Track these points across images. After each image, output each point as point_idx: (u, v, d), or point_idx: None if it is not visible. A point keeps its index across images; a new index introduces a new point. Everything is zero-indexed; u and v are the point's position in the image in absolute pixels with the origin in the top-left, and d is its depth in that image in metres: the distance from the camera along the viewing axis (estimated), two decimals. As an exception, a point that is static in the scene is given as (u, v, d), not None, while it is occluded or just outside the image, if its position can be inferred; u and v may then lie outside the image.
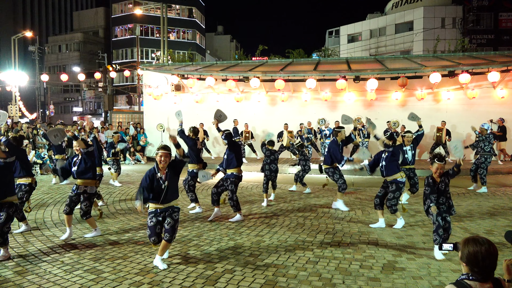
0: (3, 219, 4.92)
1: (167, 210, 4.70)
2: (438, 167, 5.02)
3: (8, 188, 5.07)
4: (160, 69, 17.28)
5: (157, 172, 4.70)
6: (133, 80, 38.30)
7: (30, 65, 48.14)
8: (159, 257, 4.72)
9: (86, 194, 5.93)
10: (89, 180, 5.96)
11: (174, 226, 4.67)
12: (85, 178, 5.94)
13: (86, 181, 5.94)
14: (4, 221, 4.93)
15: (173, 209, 4.73)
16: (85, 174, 5.94)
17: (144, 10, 43.39)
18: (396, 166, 6.40)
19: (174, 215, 4.70)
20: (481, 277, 2.08)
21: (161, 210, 4.68)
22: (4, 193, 4.98)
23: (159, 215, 4.68)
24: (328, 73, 14.73)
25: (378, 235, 6.00)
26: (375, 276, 4.42)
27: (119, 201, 8.70)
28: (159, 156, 4.68)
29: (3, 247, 4.98)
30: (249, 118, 16.25)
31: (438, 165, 5.01)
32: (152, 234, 4.70)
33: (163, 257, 4.81)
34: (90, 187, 5.97)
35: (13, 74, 29.33)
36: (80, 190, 5.92)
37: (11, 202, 5.05)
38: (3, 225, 4.92)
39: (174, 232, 4.69)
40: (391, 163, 6.39)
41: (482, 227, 6.40)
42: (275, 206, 8.13)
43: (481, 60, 14.26)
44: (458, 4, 36.55)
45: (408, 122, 14.33)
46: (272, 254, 5.13)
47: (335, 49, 30.72)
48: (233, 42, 63.43)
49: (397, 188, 6.29)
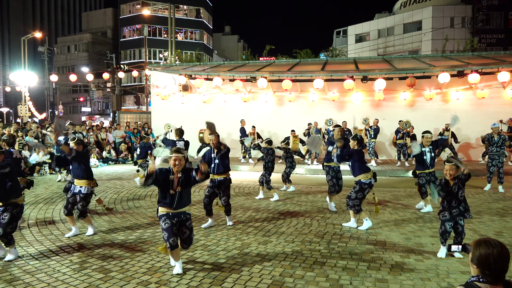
0: (7, 219, 4.89)
1: (179, 216, 4.52)
2: (448, 169, 4.98)
3: (13, 190, 5.01)
4: (168, 70, 17.36)
5: (172, 174, 4.51)
6: (141, 80, 38.51)
7: (39, 65, 48.67)
8: (178, 263, 4.55)
9: (82, 194, 5.95)
10: (83, 180, 5.99)
11: (191, 236, 4.64)
12: (79, 178, 5.99)
13: (80, 181, 5.98)
14: (8, 221, 4.90)
15: (185, 215, 4.57)
16: (78, 174, 5.98)
17: (152, 10, 43.62)
18: (358, 168, 6.40)
19: (188, 224, 4.58)
20: (492, 279, 2.06)
21: (173, 215, 4.49)
22: (8, 195, 4.93)
23: (172, 218, 4.47)
24: (335, 73, 14.68)
25: (386, 236, 5.97)
26: (383, 277, 4.39)
27: (127, 200, 8.74)
28: (173, 159, 4.48)
29: (10, 246, 5.00)
30: (256, 118, 16.26)
31: (448, 166, 4.99)
32: (170, 235, 4.35)
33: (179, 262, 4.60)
34: (85, 187, 5.97)
35: (23, 75, 29.67)
36: (75, 190, 5.96)
37: (15, 203, 5.02)
38: (7, 225, 4.90)
39: (192, 241, 4.72)
40: (354, 164, 6.44)
41: (492, 229, 6.33)
42: (282, 206, 8.12)
43: (490, 60, 14.13)
44: (467, 3, 36.23)
45: (417, 122, 14.31)
46: (279, 255, 5.12)
47: (342, 49, 30.61)
48: (241, 42, 63.48)
49: (360, 188, 6.33)
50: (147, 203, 8.44)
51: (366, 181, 6.33)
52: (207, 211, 6.58)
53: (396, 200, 8.68)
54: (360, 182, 6.34)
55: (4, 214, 4.92)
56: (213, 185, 6.58)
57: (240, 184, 10.90)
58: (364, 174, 6.36)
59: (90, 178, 6.08)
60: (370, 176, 6.38)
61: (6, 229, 4.90)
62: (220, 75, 15.43)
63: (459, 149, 14.64)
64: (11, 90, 35.22)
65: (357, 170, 6.40)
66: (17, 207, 5.05)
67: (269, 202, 8.53)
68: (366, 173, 6.37)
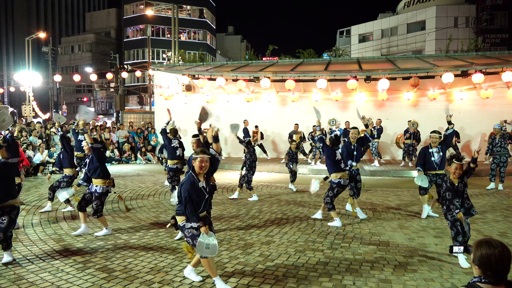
0: (6, 223, 4.79)
1: (204, 220, 4.15)
2: (457, 167, 4.76)
3: (9, 191, 4.90)
4: (171, 70, 17.40)
5: (199, 181, 4.11)
6: (145, 80, 38.59)
7: (43, 65, 48.86)
8: (192, 267, 4.38)
9: (97, 193, 6.00)
10: (98, 179, 6.01)
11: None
12: (94, 178, 6.02)
13: (96, 180, 6.02)
14: (7, 225, 4.81)
15: (208, 220, 4.39)
16: (94, 173, 6.02)
17: (156, 11, 43.72)
18: (330, 166, 6.72)
19: (211, 227, 4.36)
20: (494, 280, 2.05)
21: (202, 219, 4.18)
22: (4, 196, 4.82)
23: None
24: (339, 73, 14.67)
25: (389, 236, 5.96)
26: (386, 277, 4.39)
27: (130, 200, 8.77)
28: (199, 161, 4.07)
29: (7, 251, 4.90)
30: (259, 118, 16.27)
31: (457, 165, 4.77)
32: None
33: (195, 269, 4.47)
34: (100, 186, 6.01)
35: (27, 75, 29.79)
36: (92, 189, 6.02)
37: (12, 205, 4.89)
38: (6, 229, 4.82)
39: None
40: (327, 162, 6.77)
41: (496, 229, 6.30)
42: (285, 206, 8.12)
43: (495, 60, 14.07)
44: (471, 3, 36.09)
45: (420, 122, 14.26)
46: (282, 255, 5.12)
47: (346, 49, 30.62)
48: (244, 43, 63.51)
49: (330, 187, 6.69)
50: (150, 203, 8.46)
51: (335, 181, 6.64)
52: None
53: (400, 201, 8.66)
54: (330, 181, 6.71)
55: (2, 218, 4.80)
56: None
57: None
58: (334, 173, 6.66)
59: (106, 178, 6.06)
60: (340, 176, 6.63)
61: (6, 233, 4.82)
62: (223, 75, 15.45)
63: (463, 149, 14.58)
64: (15, 90, 35.37)
65: (330, 169, 6.76)
66: (14, 209, 4.91)
67: (272, 202, 8.53)
68: (336, 172, 6.65)
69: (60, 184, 7.62)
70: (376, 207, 7.99)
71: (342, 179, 6.62)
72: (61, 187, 7.44)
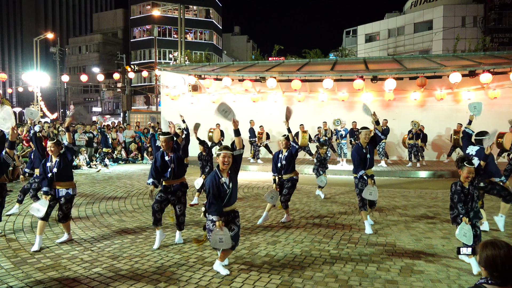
0: None
1: (229, 215, 4.37)
2: (469, 171, 4.57)
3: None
4: (178, 70, 17.47)
5: (221, 177, 4.30)
6: (151, 80, 38.77)
7: (51, 66, 49.31)
8: (220, 262, 4.53)
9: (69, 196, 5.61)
10: (67, 182, 5.62)
11: (238, 233, 4.44)
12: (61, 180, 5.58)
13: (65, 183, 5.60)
14: None
15: (234, 213, 4.47)
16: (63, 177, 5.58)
17: (162, 11, 43.90)
18: (293, 166, 6.90)
19: (236, 221, 4.44)
20: (501, 281, 2.04)
21: (223, 214, 4.33)
22: None
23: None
24: (345, 73, 14.63)
25: (395, 237, 5.93)
26: (393, 278, 4.37)
27: (137, 199, 8.81)
28: (222, 157, 4.28)
29: None
30: (265, 119, 16.26)
31: (469, 169, 4.57)
32: None
33: (224, 263, 4.61)
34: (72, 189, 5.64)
35: (35, 75, 30.07)
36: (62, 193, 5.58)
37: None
38: None
39: (238, 239, 4.50)
40: (290, 161, 6.85)
41: (505, 230, 6.25)
42: (291, 206, 8.11)
43: (503, 60, 13.95)
44: (479, 2, 35.79)
45: (427, 123, 14.18)
46: (288, 255, 5.12)
47: (352, 49, 30.51)
48: (250, 43, 63.57)
49: (292, 185, 6.87)
50: (157, 203, 8.49)
51: (297, 178, 6.97)
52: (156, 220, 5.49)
53: (406, 201, 8.62)
54: (292, 179, 6.91)
55: None
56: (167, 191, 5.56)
57: (249, 184, 10.92)
58: (295, 171, 6.95)
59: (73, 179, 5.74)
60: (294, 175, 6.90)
61: None
62: (230, 75, 15.47)
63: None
64: (24, 90, 35.69)
65: (293, 168, 6.97)
66: None
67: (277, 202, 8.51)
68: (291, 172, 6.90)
69: (31, 185, 7.35)
70: (382, 208, 7.96)
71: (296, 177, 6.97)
72: (32, 187, 7.31)
